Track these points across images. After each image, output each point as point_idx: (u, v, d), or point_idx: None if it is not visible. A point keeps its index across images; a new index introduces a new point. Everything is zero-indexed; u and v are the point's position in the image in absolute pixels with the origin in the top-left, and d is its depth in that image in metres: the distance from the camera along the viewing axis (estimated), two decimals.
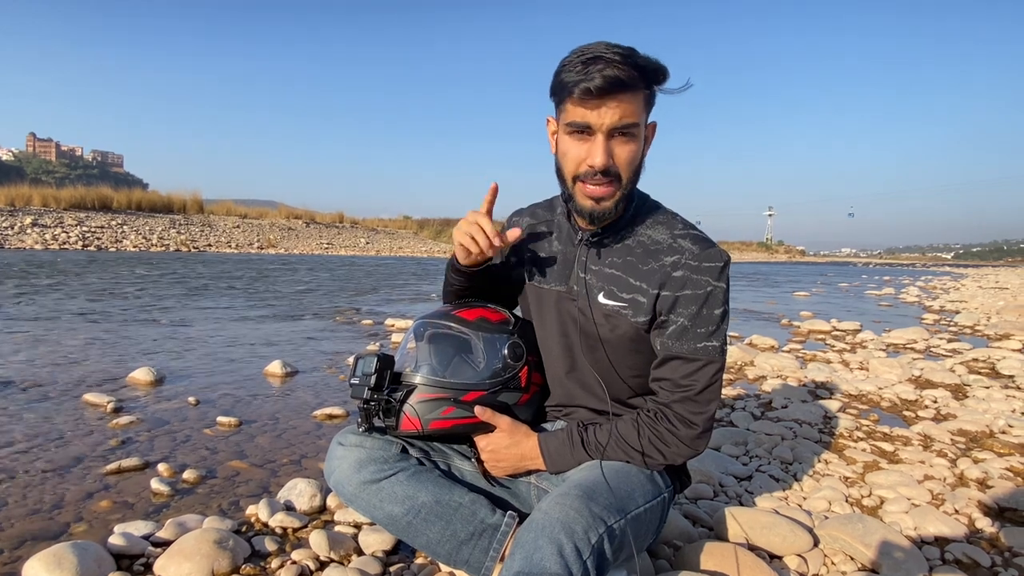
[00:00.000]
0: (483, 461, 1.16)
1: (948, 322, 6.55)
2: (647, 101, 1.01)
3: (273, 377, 3.15)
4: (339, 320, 5.50)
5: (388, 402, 1.08)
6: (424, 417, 1.08)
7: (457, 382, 1.10)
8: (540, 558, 0.83)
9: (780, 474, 1.86)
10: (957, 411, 2.65)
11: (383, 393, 1.07)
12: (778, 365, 3.53)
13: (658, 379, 1.07)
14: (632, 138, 0.99)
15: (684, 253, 1.04)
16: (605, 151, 0.98)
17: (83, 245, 18.57)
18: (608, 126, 0.97)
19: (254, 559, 1.32)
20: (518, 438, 1.11)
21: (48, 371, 3.06)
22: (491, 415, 1.09)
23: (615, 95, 0.95)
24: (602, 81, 0.93)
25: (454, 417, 1.09)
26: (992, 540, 1.48)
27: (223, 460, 1.95)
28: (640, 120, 0.99)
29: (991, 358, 3.94)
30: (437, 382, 1.09)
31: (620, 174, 1.01)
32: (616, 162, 1.00)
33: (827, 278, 18.27)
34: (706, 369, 1.03)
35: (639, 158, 1.03)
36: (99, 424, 2.25)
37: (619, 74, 0.93)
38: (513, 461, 1.12)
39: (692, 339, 1.03)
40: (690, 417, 1.04)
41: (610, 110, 0.96)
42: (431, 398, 1.09)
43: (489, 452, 1.13)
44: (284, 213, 33.50)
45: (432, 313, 1.17)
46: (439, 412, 1.08)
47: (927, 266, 44.96)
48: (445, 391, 1.09)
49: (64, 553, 1.20)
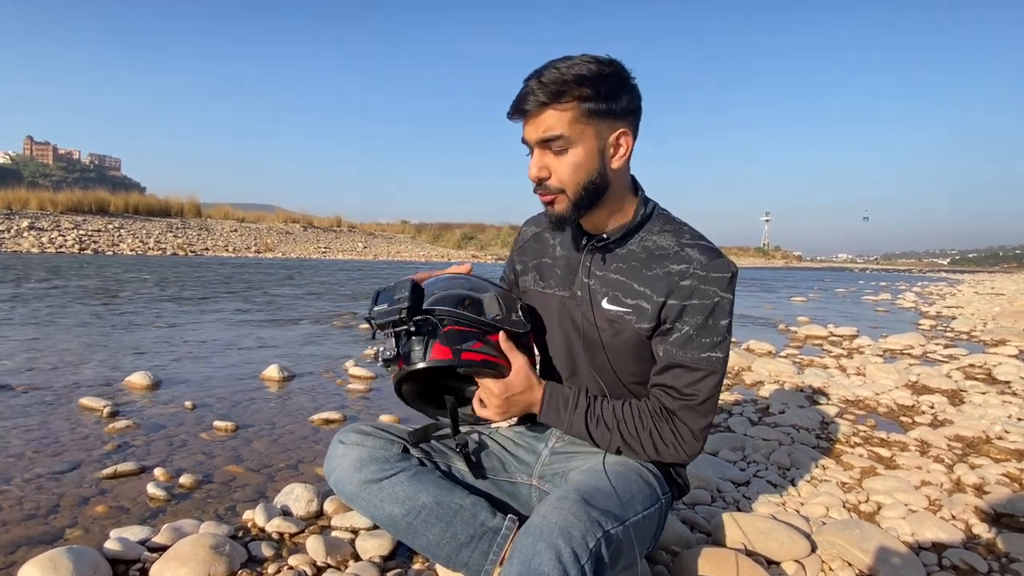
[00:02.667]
0: (492, 406, 1.09)
1: (945, 327, 6.58)
2: (588, 112, 0.99)
3: (270, 381, 3.14)
4: (336, 324, 5.49)
5: (424, 326, 1.01)
6: (455, 347, 1.02)
7: (484, 320, 1.06)
8: (538, 563, 0.83)
9: (778, 479, 1.86)
10: (954, 417, 2.66)
11: (413, 318, 1.00)
12: (775, 370, 3.54)
13: (660, 384, 1.07)
14: (563, 151, 1.01)
15: (692, 263, 1.04)
16: (537, 163, 1.03)
17: (80, 249, 18.53)
18: (535, 140, 1.02)
19: (251, 564, 1.32)
20: (532, 383, 1.09)
21: (44, 375, 3.05)
22: (511, 349, 1.07)
23: (536, 113, 1.00)
24: (516, 102, 1.01)
25: (484, 352, 1.05)
26: (989, 546, 1.48)
27: (220, 465, 1.94)
28: (570, 132, 0.99)
29: (987, 364, 3.95)
30: (465, 316, 1.05)
31: (560, 186, 1.03)
32: (553, 174, 1.03)
33: (824, 283, 18.31)
34: (708, 380, 1.03)
35: (583, 167, 1.02)
36: (95, 428, 2.25)
37: (537, 97, 0.98)
38: (522, 407, 1.09)
39: (696, 348, 1.03)
40: (691, 426, 1.04)
41: (532, 127, 1.01)
42: (460, 330, 1.04)
43: (504, 398, 1.06)
44: (282, 217, 33.48)
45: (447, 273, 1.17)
46: (469, 344, 1.04)
47: (923, 272, 45.12)
48: (473, 326, 1.05)
49: (60, 558, 1.20)
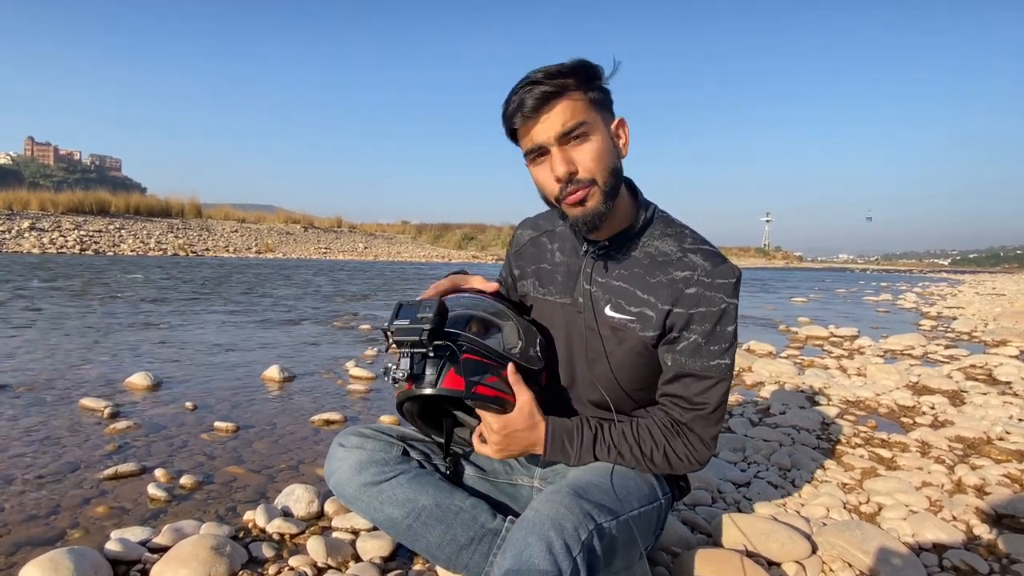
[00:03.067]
0: (492, 443, 1.05)
1: (945, 328, 6.57)
2: (592, 101, 0.99)
3: (271, 382, 3.14)
4: (337, 325, 5.49)
5: (442, 351, 0.96)
6: (469, 378, 0.98)
7: (502, 352, 1.02)
8: (529, 555, 0.83)
9: (778, 480, 1.86)
10: (955, 417, 2.65)
11: (433, 341, 0.96)
12: (776, 371, 3.54)
13: (670, 395, 1.06)
14: (585, 138, 0.98)
15: (697, 269, 1.03)
16: (563, 159, 0.98)
17: (81, 249, 18.54)
18: (556, 136, 0.97)
19: (251, 565, 1.32)
20: (535, 420, 1.04)
21: (45, 376, 3.05)
22: (518, 382, 1.03)
23: (549, 107, 0.97)
24: (532, 100, 0.96)
25: (496, 388, 1.00)
26: (990, 547, 1.48)
27: (220, 466, 1.94)
28: (587, 119, 0.98)
29: (988, 364, 3.94)
30: (485, 347, 1.01)
31: (590, 176, 0.99)
32: (580, 166, 0.99)
33: (825, 284, 18.30)
34: (718, 387, 1.02)
35: (606, 154, 1.00)
36: (96, 429, 2.25)
37: (544, 88, 0.96)
38: (523, 446, 1.05)
39: (705, 356, 1.02)
40: (704, 436, 1.04)
41: (550, 122, 0.97)
42: (478, 360, 1.00)
43: (504, 435, 1.03)
44: (282, 217, 33.52)
45: (471, 290, 1.14)
46: (484, 377, 1.00)
47: (924, 272, 45.08)
48: (491, 358, 1.01)
49: (61, 559, 1.20)
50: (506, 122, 1.02)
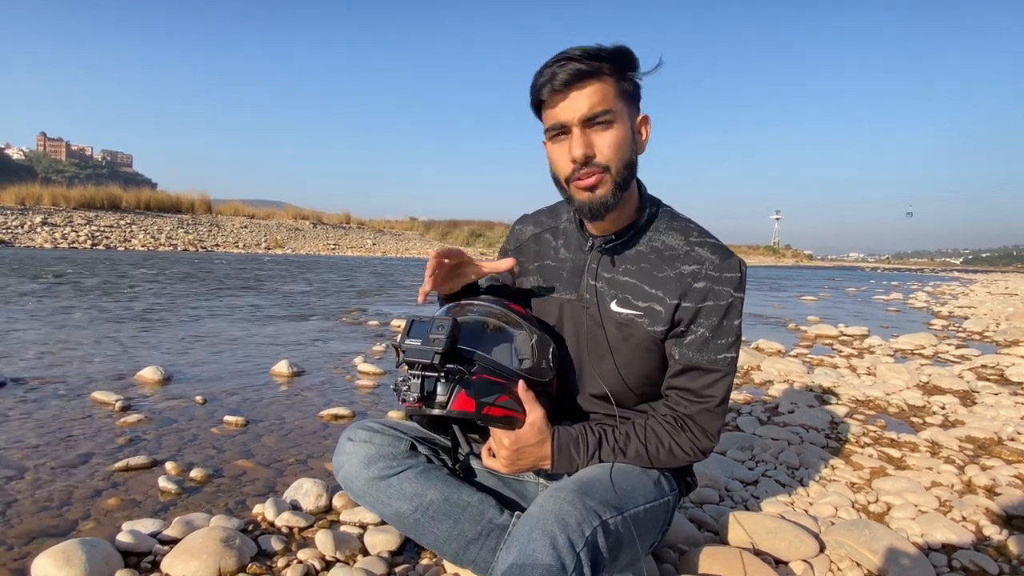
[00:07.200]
0: (501, 457, 1.05)
1: (957, 328, 6.51)
2: (622, 91, 0.99)
3: (280, 377, 3.16)
4: (345, 321, 5.51)
5: (454, 373, 0.94)
6: (481, 399, 0.97)
7: (515, 370, 1.01)
8: (533, 550, 0.83)
9: (786, 479, 1.85)
10: (965, 418, 2.63)
11: (446, 363, 0.93)
12: (785, 370, 3.52)
13: (675, 388, 1.06)
14: (608, 125, 0.98)
15: (704, 263, 1.03)
16: (582, 142, 0.97)
17: (92, 244, 18.71)
18: (580, 117, 0.97)
19: (260, 558, 1.33)
20: (545, 436, 1.04)
21: (57, 369, 3.09)
22: (530, 399, 1.02)
23: (580, 86, 0.96)
24: (564, 75, 0.95)
25: (507, 407, 1.00)
26: (1000, 548, 1.47)
27: (230, 459, 1.96)
28: (615, 107, 0.97)
29: (1000, 364, 3.91)
30: (497, 365, 0.99)
31: (606, 163, 0.98)
32: (598, 151, 0.98)
33: (834, 282, 18.17)
34: (724, 381, 1.03)
35: (625, 145, 1.00)
36: (107, 422, 2.27)
37: (579, 65, 0.95)
38: (532, 460, 1.05)
39: (712, 350, 1.02)
40: (709, 429, 1.04)
41: (578, 102, 0.96)
42: (492, 380, 0.98)
43: (514, 450, 1.02)
44: (291, 214, 33.67)
45: (486, 298, 1.12)
46: (495, 398, 0.98)
47: (936, 271, 44.65)
48: (503, 377, 1.00)
49: (73, 550, 1.21)
50: (533, 93, 1.01)
